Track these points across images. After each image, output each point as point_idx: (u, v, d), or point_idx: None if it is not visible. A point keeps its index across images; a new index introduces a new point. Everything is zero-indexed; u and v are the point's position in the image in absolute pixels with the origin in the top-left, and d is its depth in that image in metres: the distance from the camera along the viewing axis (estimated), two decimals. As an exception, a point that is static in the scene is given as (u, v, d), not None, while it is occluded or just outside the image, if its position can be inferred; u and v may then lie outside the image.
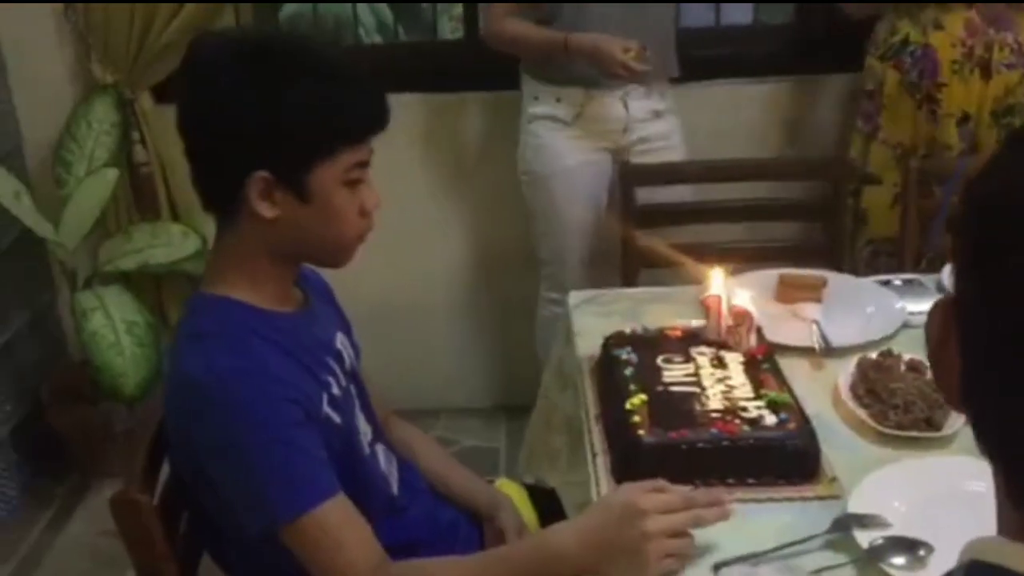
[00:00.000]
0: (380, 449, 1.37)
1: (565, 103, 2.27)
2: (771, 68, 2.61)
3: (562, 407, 1.71)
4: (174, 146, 2.52)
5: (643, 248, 2.18)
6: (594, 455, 1.31)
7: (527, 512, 1.51)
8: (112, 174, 2.42)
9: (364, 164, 1.21)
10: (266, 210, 1.16)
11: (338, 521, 1.15)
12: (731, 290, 1.44)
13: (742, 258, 2.24)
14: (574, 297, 1.74)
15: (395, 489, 1.38)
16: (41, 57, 2.55)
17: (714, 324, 1.42)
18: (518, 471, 1.87)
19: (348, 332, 1.40)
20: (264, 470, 1.13)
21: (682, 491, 1.11)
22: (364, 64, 1.23)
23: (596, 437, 1.34)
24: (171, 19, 2.45)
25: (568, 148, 2.30)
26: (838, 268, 1.98)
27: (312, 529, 1.13)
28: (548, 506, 1.51)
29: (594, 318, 1.66)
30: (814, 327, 1.54)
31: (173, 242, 2.48)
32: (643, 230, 2.18)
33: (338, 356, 1.31)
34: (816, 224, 2.38)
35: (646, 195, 2.18)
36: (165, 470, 1.28)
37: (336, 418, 1.23)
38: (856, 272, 2.06)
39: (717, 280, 1.44)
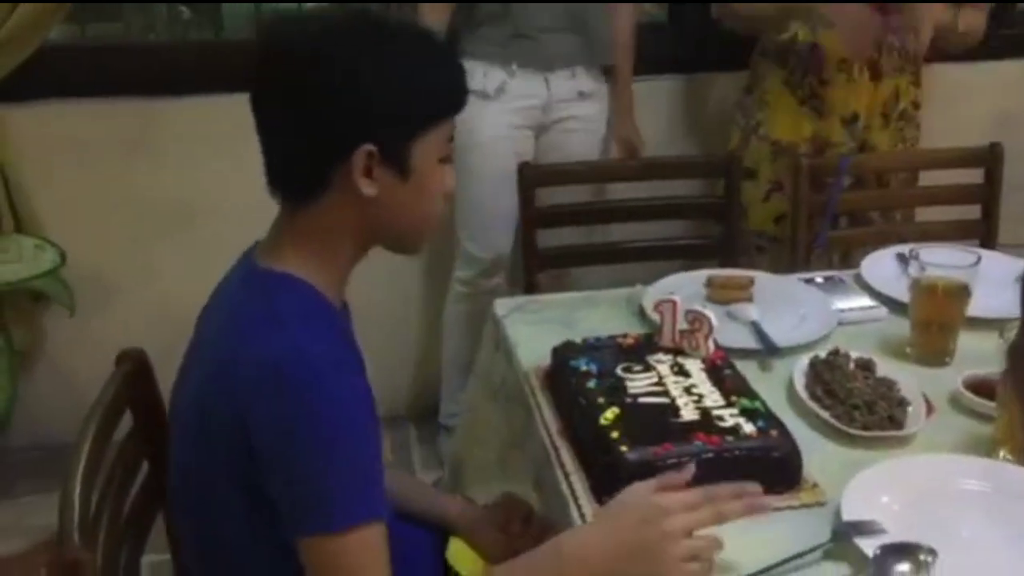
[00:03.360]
0: None
1: (489, 77, 2.31)
2: (660, 66, 2.64)
3: (491, 420, 1.64)
4: (17, 151, 2.38)
5: (543, 250, 2.14)
6: (566, 475, 1.24)
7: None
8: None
9: (452, 139, 1.17)
10: (366, 187, 1.09)
11: (380, 547, 1.05)
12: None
13: (640, 256, 2.27)
14: (501, 306, 1.67)
15: None
16: None
17: (668, 330, 1.38)
18: (442, 488, 1.79)
19: None
20: (336, 465, 1.02)
21: (702, 488, 1.07)
22: None
23: (565, 455, 1.28)
24: (8, 13, 2.21)
25: (488, 123, 2.32)
26: (733, 265, 2.00)
27: (355, 547, 1.03)
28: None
29: (527, 327, 1.60)
30: (754, 328, 1.54)
31: (24, 257, 2.23)
32: (544, 230, 2.14)
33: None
34: (704, 221, 2.42)
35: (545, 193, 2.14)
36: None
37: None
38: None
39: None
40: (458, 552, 1.45)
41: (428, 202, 1.16)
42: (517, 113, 2.36)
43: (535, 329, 1.58)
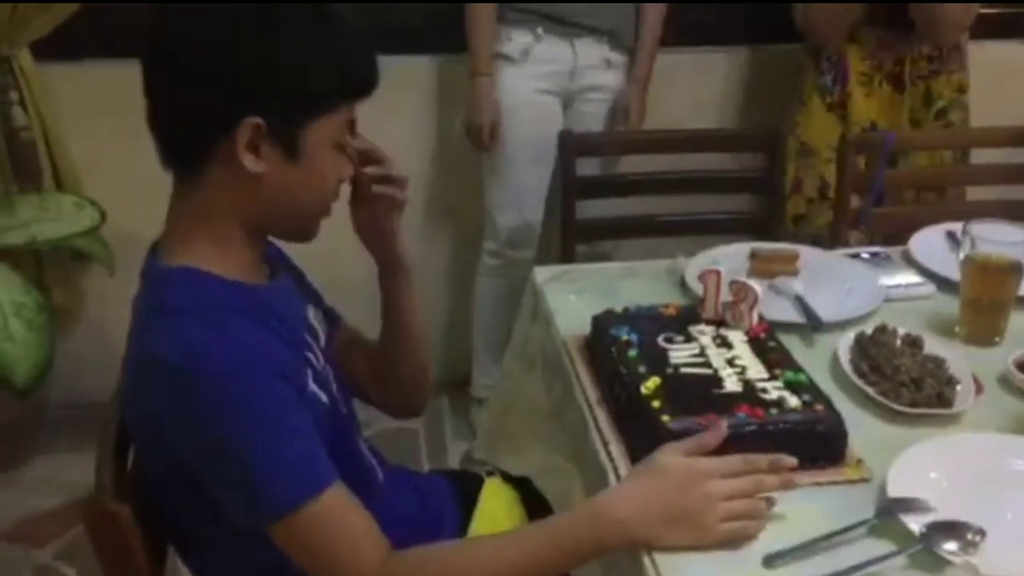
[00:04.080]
0: (358, 437, 1.26)
1: (515, 41, 2.31)
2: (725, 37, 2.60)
3: (526, 390, 1.63)
4: (58, 109, 2.38)
5: (581, 221, 2.12)
6: (605, 443, 1.23)
7: (517, 512, 1.43)
8: (-10, 140, 2.17)
9: (353, 124, 1.12)
10: (251, 163, 1.04)
11: (341, 511, 1.03)
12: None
13: (679, 230, 2.24)
14: (540, 273, 1.65)
15: (381, 477, 1.28)
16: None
17: (712, 301, 1.36)
18: (474, 453, 1.79)
19: (318, 303, 1.29)
20: (257, 458, 0.99)
21: (741, 456, 1.06)
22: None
23: (604, 424, 1.26)
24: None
25: (513, 87, 2.33)
26: (774, 240, 1.97)
27: (314, 521, 1.01)
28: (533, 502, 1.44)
29: (567, 296, 1.58)
30: (798, 302, 1.51)
31: (65, 215, 2.24)
32: (583, 201, 2.12)
33: (313, 332, 1.20)
34: (744, 196, 2.38)
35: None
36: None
37: (323, 396, 1.12)
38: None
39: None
40: (488, 507, 1.43)
41: (317, 188, 1.10)
42: (543, 78, 2.34)
43: (575, 298, 1.56)
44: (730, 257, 1.64)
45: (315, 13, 1.07)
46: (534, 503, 1.44)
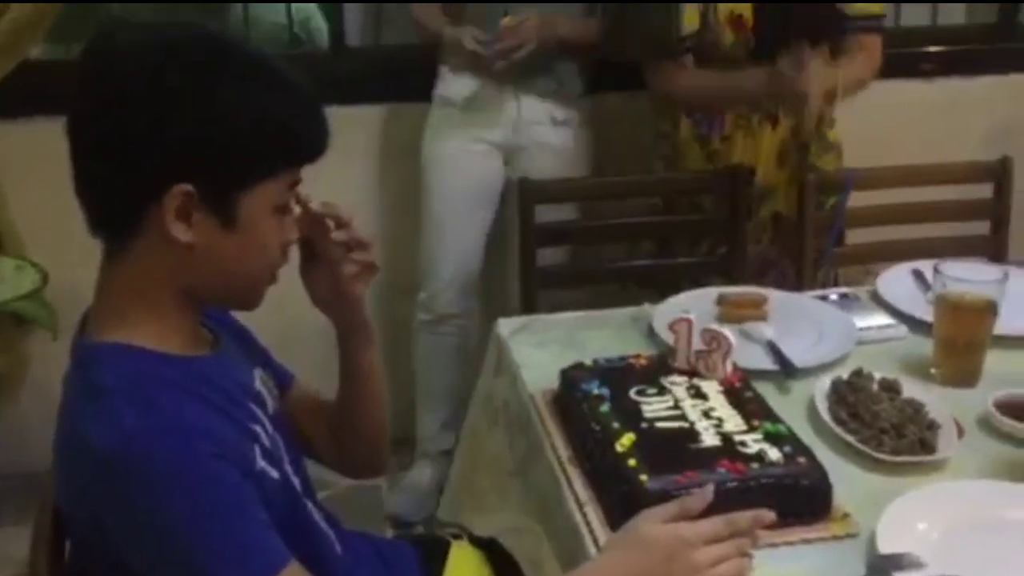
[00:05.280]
0: (311, 506, 1.19)
1: (459, 86, 2.24)
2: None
3: (490, 446, 1.57)
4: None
5: (544, 268, 2.08)
6: (580, 504, 1.17)
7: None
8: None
9: (296, 184, 1.05)
10: (181, 233, 0.97)
11: None
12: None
13: (642, 277, 2.21)
14: (504, 326, 1.60)
15: (339, 549, 1.20)
16: None
17: (683, 350, 1.31)
18: (440, 516, 1.71)
19: (266, 363, 1.22)
20: (202, 547, 0.92)
21: (724, 517, 1.00)
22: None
23: (577, 484, 1.20)
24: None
25: (453, 133, 2.25)
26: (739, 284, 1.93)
27: None
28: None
29: (532, 348, 1.53)
30: (770, 348, 1.47)
31: (5, 279, 2.15)
32: (541, 249, 2.07)
33: (261, 401, 1.13)
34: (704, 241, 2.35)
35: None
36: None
37: (272, 472, 1.05)
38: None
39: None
40: (455, 573, 1.36)
41: (257, 256, 1.03)
42: (485, 129, 2.26)
43: (540, 350, 1.51)
44: (697, 303, 1.59)
45: (257, 72, 1.00)
46: (502, 564, 1.38)
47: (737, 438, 1.16)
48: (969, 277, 1.38)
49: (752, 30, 2.07)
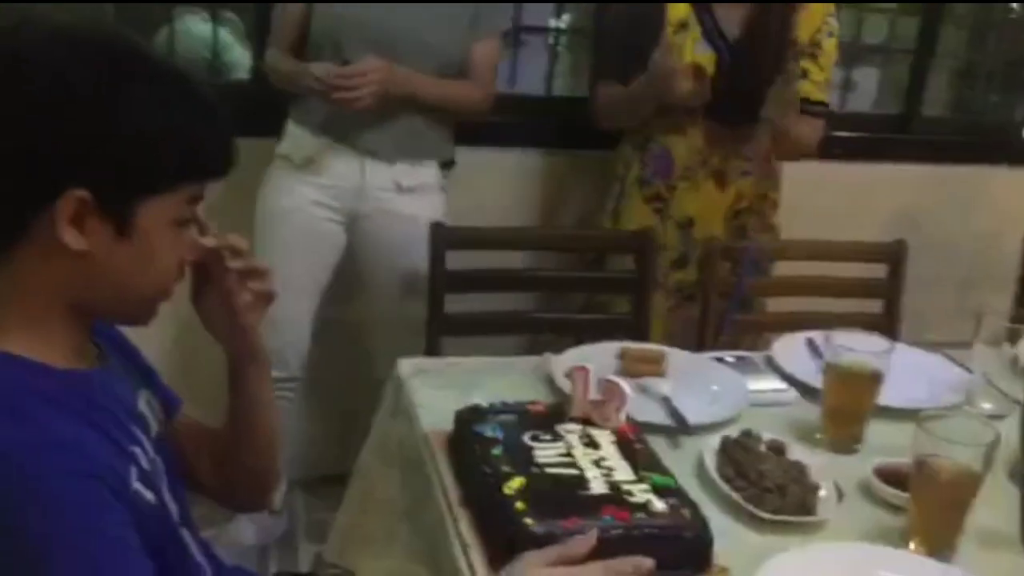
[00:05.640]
0: (187, 534, 1.15)
1: (298, 145, 2.16)
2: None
3: (382, 488, 1.55)
4: None
5: (451, 315, 2.08)
6: (464, 547, 1.16)
7: None
8: None
9: (198, 200, 1.03)
10: (74, 240, 0.94)
11: None
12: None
13: (548, 327, 2.22)
14: (404, 367, 1.59)
15: None
16: None
17: (580, 399, 1.32)
18: (326, 556, 1.68)
19: (152, 384, 1.18)
20: (64, 567, 0.88)
21: (603, 564, 1.01)
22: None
23: (464, 526, 1.19)
24: None
25: (289, 188, 2.17)
26: (641, 340, 1.97)
27: None
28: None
29: (431, 390, 1.52)
30: (665, 404, 1.49)
31: None
32: (450, 295, 2.08)
33: (143, 422, 1.09)
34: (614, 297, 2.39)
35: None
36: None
37: (148, 495, 1.01)
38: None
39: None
40: None
41: (151, 269, 1.00)
42: (324, 190, 2.17)
43: (439, 392, 1.50)
44: (599, 356, 1.61)
45: (168, 80, 0.98)
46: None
47: (625, 487, 1.17)
48: (858, 347, 1.43)
49: (712, 84, 2.13)
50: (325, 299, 2.30)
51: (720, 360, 1.68)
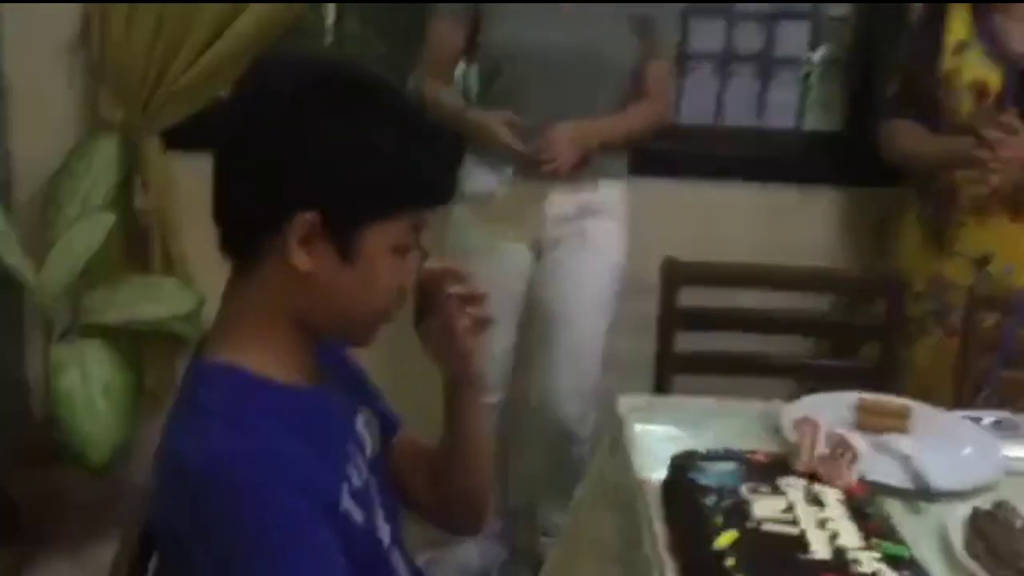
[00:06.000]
0: (398, 556, 1.16)
1: (476, 180, 2.07)
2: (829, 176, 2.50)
3: (594, 528, 1.51)
4: (177, 197, 2.45)
5: (683, 354, 2.01)
6: (670, 600, 1.10)
7: None
8: (108, 219, 2.22)
9: (420, 229, 1.05)
10: (301, 260, 0.98)
11: None
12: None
13: (787, 373, 2.11)
14: (624, 404, 1.55)
15: None
16: (47, 89, 2.38)
17: (806, 452, 1.23)
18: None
19: (373, 402, 1.22)
20: (264, 572, 0.92)
21: None
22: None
23: (669, 574, 1.13)
24: (192, 62, 2.30)
25: (472, 233, 2.11)
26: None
27: None
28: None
29: (650, 428, 1.47)
30: (907, 464, 1.35)
31: (166, 298, 2.27)
32: (683, 333, 2.01)
33: (359, 442, 1.12)
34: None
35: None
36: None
37: (357, 516, 1.04)
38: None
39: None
40: None
41: (372, 294, 1.03)
42: (509, 225, 2.11)
43: (658, 433, 1.45)
44: (834, 406, 1.50)
45: (399, 111, 1.02)
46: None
47: (851, 554, 1.07)
48: None
49: (996, 102, 1.96)
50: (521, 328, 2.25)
51: (975, 420, 1.52)
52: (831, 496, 1.18)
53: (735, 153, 2.55)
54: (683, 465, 1.26)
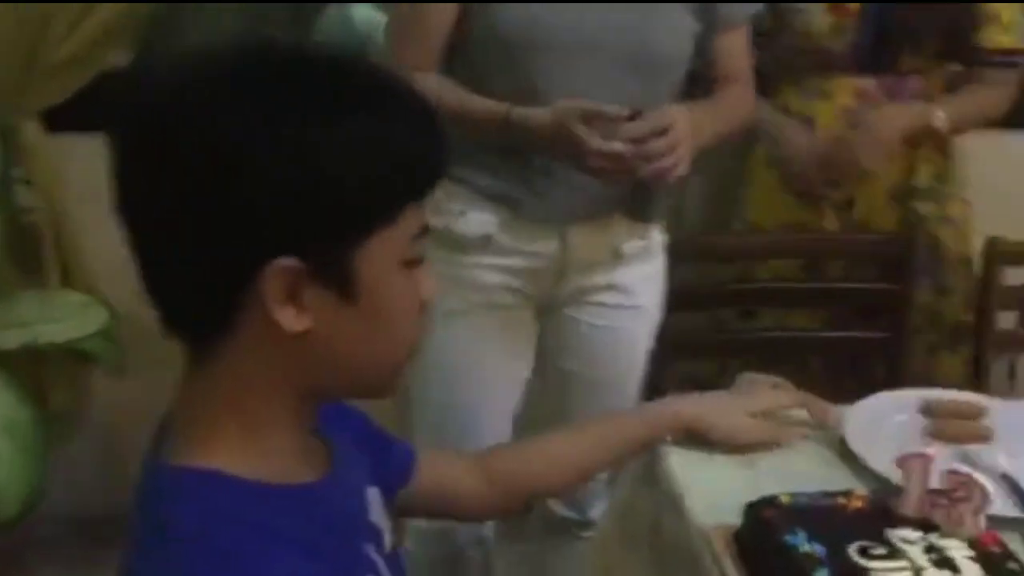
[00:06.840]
0: None
1: (468, 219, 1.49)
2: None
3: (624, 570, 1.30)
4: (69, 188, 2.09)
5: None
6: None
7: None
8: (-17, 223, 1.87)
9: (425, 234, 0.79)
10: (292, 320, 0.73)
11: None
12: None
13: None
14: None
15: None
16: None
17: (915, 494, 1.01)
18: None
19: (380, 460, 0.97)
20: None
21: None
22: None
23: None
24: (73, 27, 1.93)
25: (466, 280, 1.51)
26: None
27: None
28: None
29: (691, 457, 1.22)
30: (1006, 484, 1.15)
31: (70, 316, 1.93)
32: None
33: (376, 537, 0.89)
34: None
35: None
36: None
37: None
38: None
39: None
40: None
41: (390, 327, 0.79)
42: (511, 274, 1.53)
43: (704, 461, 1.21)
44: (896, 408, 1.29)
45: (369, 91, 0.75)
46: None
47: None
48: None
49: (858, 22, 1.73)
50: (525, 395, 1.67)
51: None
52: (959, 552, 0.97)
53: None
54: (766, 518, 1.03)
